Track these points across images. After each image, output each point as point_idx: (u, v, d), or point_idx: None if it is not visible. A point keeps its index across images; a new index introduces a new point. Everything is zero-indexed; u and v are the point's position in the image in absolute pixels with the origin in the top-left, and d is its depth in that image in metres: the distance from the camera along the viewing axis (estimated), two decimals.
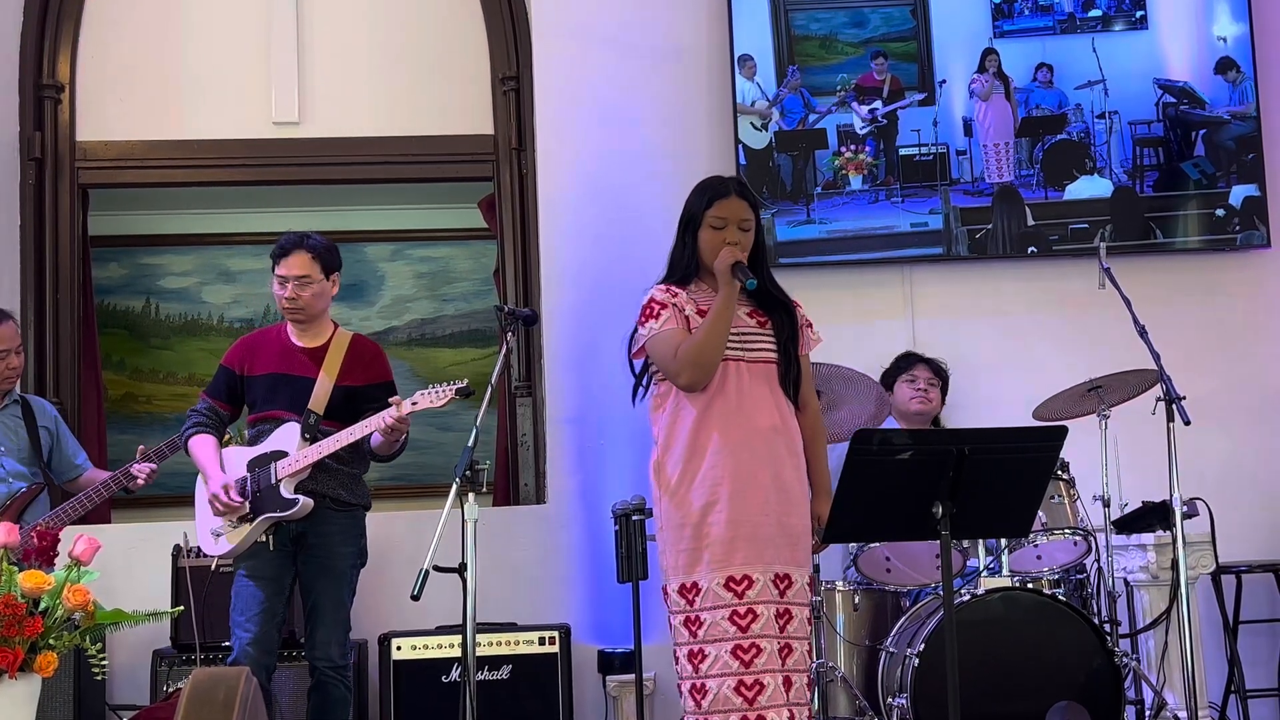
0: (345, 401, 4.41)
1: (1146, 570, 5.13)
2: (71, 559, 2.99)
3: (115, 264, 7.80)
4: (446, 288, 8.03)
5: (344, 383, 4.42)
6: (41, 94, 5.95)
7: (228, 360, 4.53)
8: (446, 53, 6.20)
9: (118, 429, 7.29)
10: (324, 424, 4.36)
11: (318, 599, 4.36)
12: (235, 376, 4.48)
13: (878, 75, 5.81)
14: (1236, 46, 5.86)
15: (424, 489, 7.07)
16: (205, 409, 4.49)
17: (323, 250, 4.46)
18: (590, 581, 5.50)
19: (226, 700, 1.79)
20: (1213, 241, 5.82)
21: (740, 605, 3.57)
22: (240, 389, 4.49)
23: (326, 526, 4.36)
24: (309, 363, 4.44)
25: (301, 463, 4.28)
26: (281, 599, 4.36)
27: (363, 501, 4.49)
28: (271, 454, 4.34)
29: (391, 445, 4.33)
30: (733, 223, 3.73)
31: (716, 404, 3.67)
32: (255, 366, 4.47)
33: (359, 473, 4.49)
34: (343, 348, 4.48)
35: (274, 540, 4.33)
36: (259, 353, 4.49)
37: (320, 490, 4.34)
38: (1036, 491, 3.58)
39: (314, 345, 4.48)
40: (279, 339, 4.51)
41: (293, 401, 4.39)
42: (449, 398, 4.19)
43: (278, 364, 4.45)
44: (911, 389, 5.32)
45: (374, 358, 4.54)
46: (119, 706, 5.07)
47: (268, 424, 4.42)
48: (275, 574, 4.34)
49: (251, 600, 4.30)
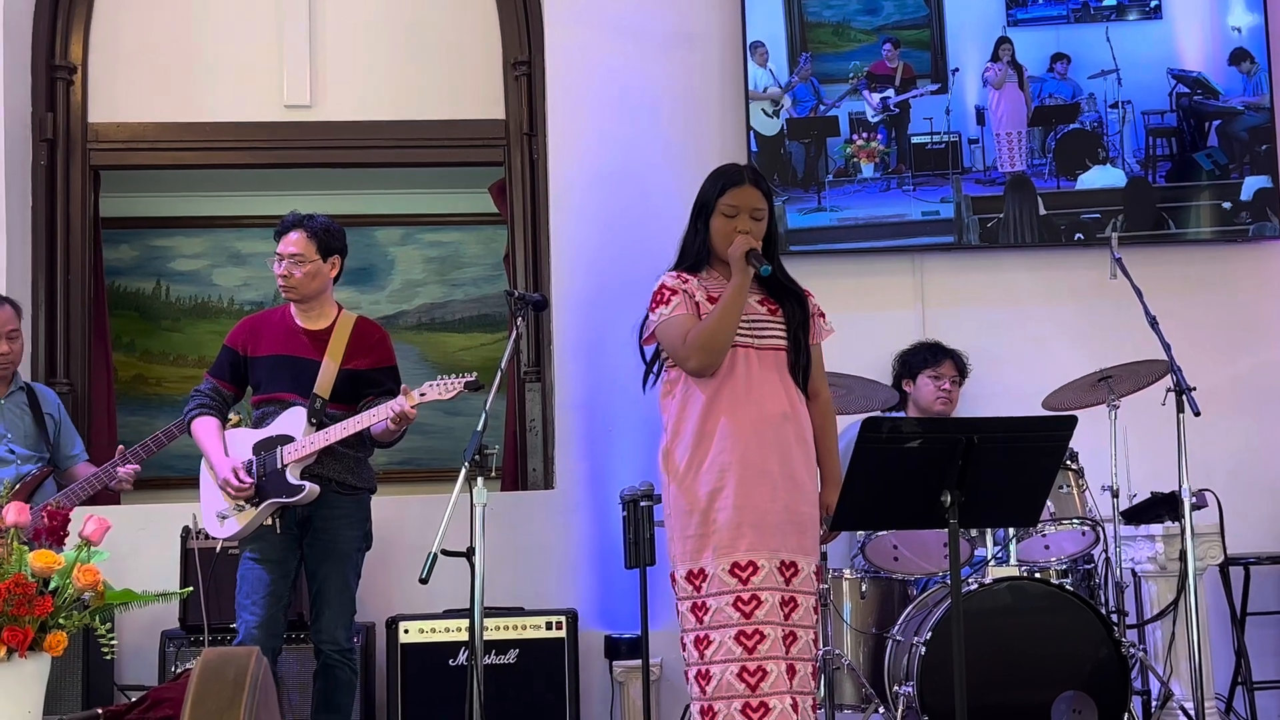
0: (350, 385, 4.42)
1: (1154, 561, 5.13)
2: (81, 539, 2.99)
3: (126, 246, 7.80)
4: (456, 272, 8.03)
5: (349, 366, 4.43)
6: (54, 75, 5.95)
7: (231, 340, 4.53)
8: (458, 37, 6.19)
9: (127, 410, 7.31)
10: (330, 407, 4.37)
11: (323, 582, 4.37)
12: (239, 357, 4.49)
13: (889, 63, 5.80)
14: (1251, 37, 5.83)
15: (433, 473, 7.08)
16: (209, 389, 4.49)
17: (321, 231, 4.45)
18: (598, 567, 5.51)
19: (237, 679, 1.79)
20: (1225, 233, 5.80)
21: (745, 591, 3.57)
22: (244, 369, 4.49)
23: (332, 510, 4.37)
24: (313, 345, 4.44)
25: (308, 449, 4.29)
26: (287, 582, 4.37)
27: (368, 485, 4.50)
28: (277, 438, 4.35)
29: (391, 434, 4.33)
30: (745, 211, 3.73)
31: (725, 390, 3.67)
32: (259, 348, 4.47)
33: (364, 456, 4.50)
34: (347, 330, 4.48)
35: (280, 524, 4.34)
36: (262, 334, 4.49)
37: (326, 474, 4.35)
38: (1045, 481, 3.58)
39: (318, 327, 4.48)
40: (283, 321, 4.51)
41: (296, 384, 4.39)
42: (457, 390, 4.19)
43: (281, 346, 4.45)
44: (936, 387, 5.27)
45: (378, 341, 4.54)
46: (127, 686, 5.09)
47: (272, 406, 4.42)
48: (281, 557, 4.35)
49: (258, 583, 4.31)
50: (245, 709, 1.77)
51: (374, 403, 4.36)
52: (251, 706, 1.79)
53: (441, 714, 4.90)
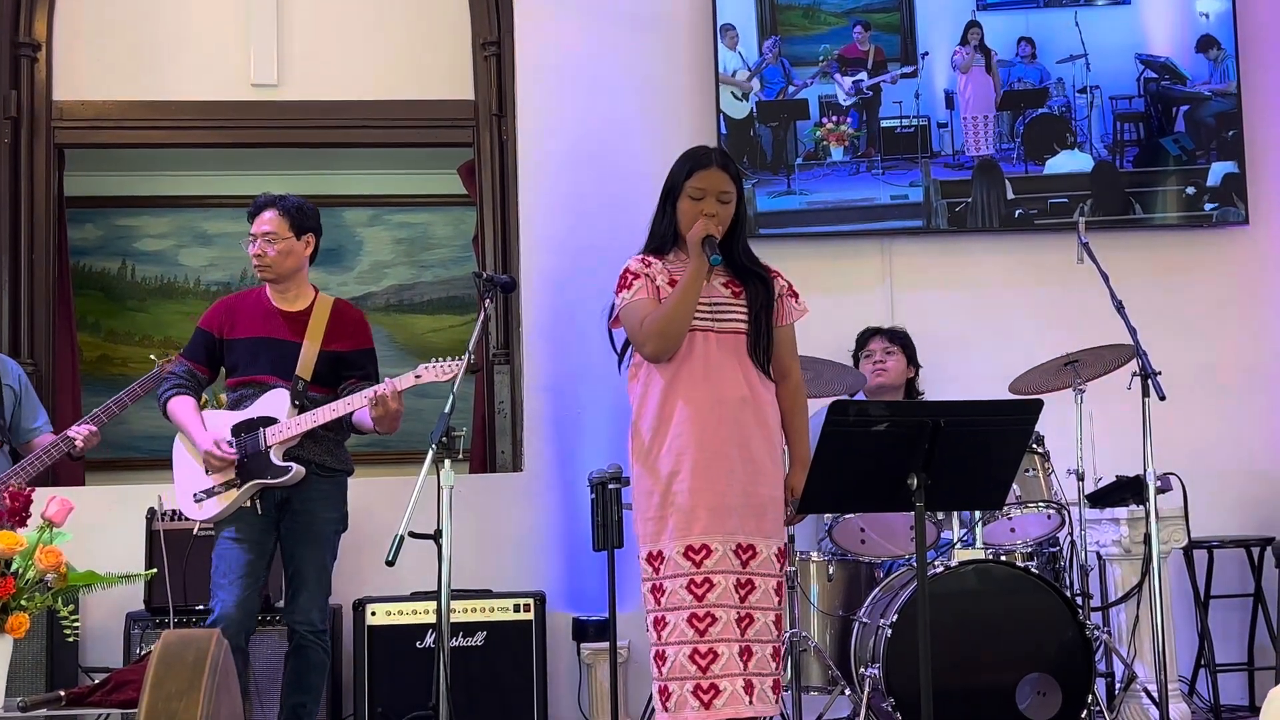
0: (331, 367, 4.40)
1: (1119, 544, 5.16)
2: (44, 520, 2.98)
3: (91, 225, 7.74)
4: (425, 254, 8.00)
5: (329, 348, 4.40)
6: (18, 52, 5.90)
7: (206, 323, 4.49)
8: (427, 17, 6.16)
9: (92, 391, 7.25)
10: (310, 389, 4.35)
11: (301, 564, 4.35)
12: (214, 339, 4.45)
13: (861, 46, 5.80)
14: (1219, 23, 5.86)
15: (401, 455, 7.05)
16: (184, 372, 4.45)
17: (294, 210, 4.43)
18: (566, 549, 5.51)
19: (196, 661, 1.78)
20: (1191, 218, 5.83)
21: (697, 574, 3.58)
22: (219, 352, 4.45)
23: (311, 492, 4.35)
24: (292, 327, 4.41)
25: (294, 430, 4.27)
26: (264, 562, 4.34)
27: (346, 467, 4.48)
28: (259, 419, 4.32)
29: (382, 421, 4.25)
30: (711, 194, 3.72)
31: (683, 373, 3.67)
32: (235, 330, 4.43)
33: (342, 439, 4.48)
34: (325, 312, 4.45)
35: (260, 504, 4.32)
36: (239, 316, 4.46)
37: (306, 456, 4.33)
38: (1011, 464, 3.59)
39: (296, 309, 4.45)
40: (259, 302, 4.48)
41: (276, 366, 4.37)
42: (455, 372, 4.10)
43: (260, 328, 4.42)
44: (870, 364, 5.35)
45: (357, 324, 4.52)
46: (92, 669, 5.07)
47: (250, 388, 4.39)
48: (259, 538, 4.33)
49: (235, 562, 4.28)
50: (205, 691, 1.76)
51: (355, 386, 4.34)
52: (211, 689, 1.78)
53: (408, 696, 4.90)
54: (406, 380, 4.20)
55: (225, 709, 1.91)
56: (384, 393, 4.17)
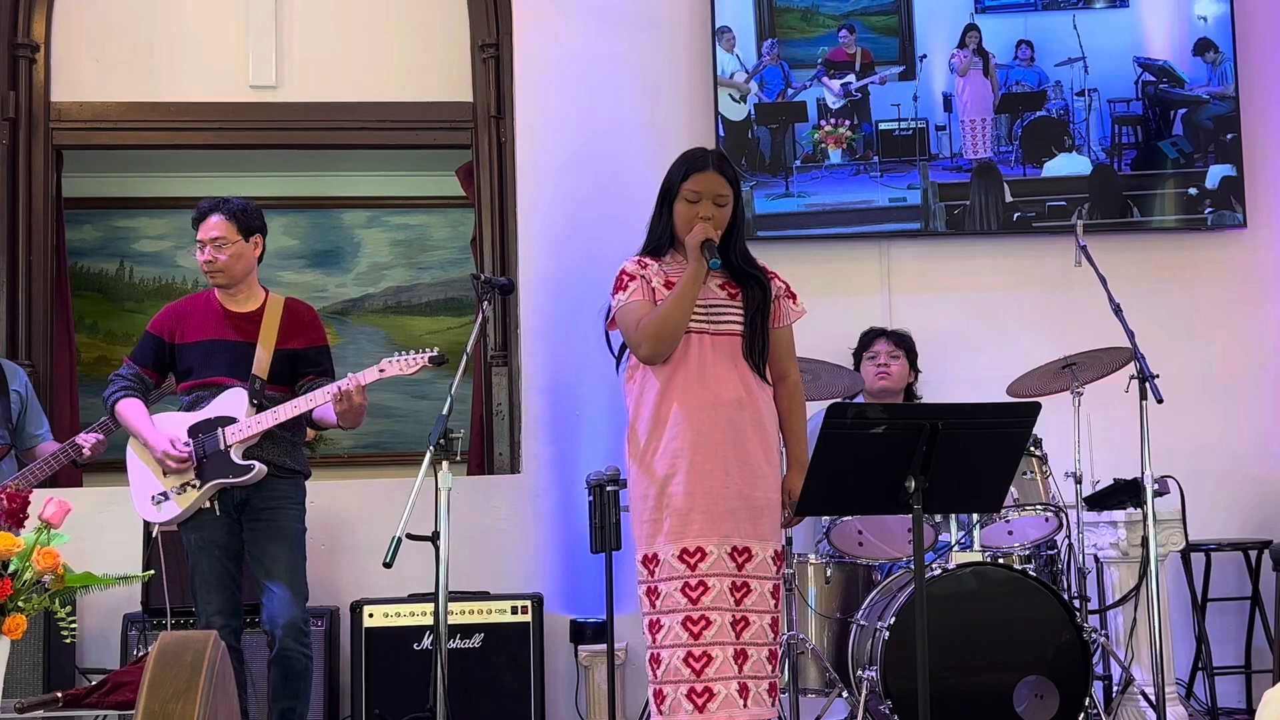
0: (287, 365, 4.38)
1: (1117, 547, 5.16)
2: (42, 521, 2.98)
3: (89, 226, 7.74)
4: (423, 255, 8.00)
5: (284, 346, 4.39)
6: (16, 53, 5.89)
7: (155, 328, 4.45)
8: (426, 18, 6.16)
9: (90, 392, 7.23)
10: (267, 389, 4.34)
11: (271, 562, 4.29)
12: (164, 344, 4.41)
13: (847, 50, 5.80)
14: (1216, 27, 5.86)
15: (398, 456, 7.06)
16: (131, 375, 4.41)
17: (239, 212, 4.42)
18: (564, 551, 5.51)
19: (194, 663, 1.78)
20: (1189, 221, 5.83)
21: (692, 577, 3.58)
22: (169, 357, 4.42)
23: (273, 491, 4.32)
24: (245, 328, 4.39)
25: (254, 429, 4.25)
26: (236, 562, 4.33)
27: (304, 469, 4.46)
28: (217, 419, 4.30)
29: (346, 416, 4.25)
30: (707, 197, 3.71)
31: (679, 376, 3.67)
32: (186, 334, 4.40)
33: (299, 440, 4.48)
34: (278, 311, 4.43)
35: (219, 505, 4.29)
36: (189, 320, 4.42)
37: (265, 457, 4.30)
38: (1009, 467, 3.59)
39: (246, 310, 4.43)
40: (209, 305, 4.44)
41: (232, 368, 4.34)
42: (419, 366, 4.17)
43: (212, 330, 4.39)
44: (873, 366, 5.34)
45: (310, 321, 4.51)
46: (89, 670, 5.06)
47: (206, 390, 4.35)
48: (226, 540, 4.31)
49: (210, 572, 4.28)
50: (202, 693, 1.76)
51: (313, 383, 4.33)
52: (208, 691, 1.78)
53: (406, 698, 4.89)
54: (370, 374, 4.19)
55: (222, 711, 1.91)
56: (348, 388, 4.17)
